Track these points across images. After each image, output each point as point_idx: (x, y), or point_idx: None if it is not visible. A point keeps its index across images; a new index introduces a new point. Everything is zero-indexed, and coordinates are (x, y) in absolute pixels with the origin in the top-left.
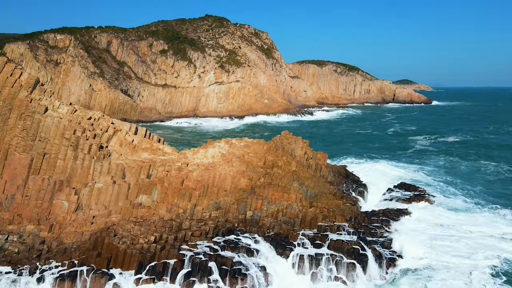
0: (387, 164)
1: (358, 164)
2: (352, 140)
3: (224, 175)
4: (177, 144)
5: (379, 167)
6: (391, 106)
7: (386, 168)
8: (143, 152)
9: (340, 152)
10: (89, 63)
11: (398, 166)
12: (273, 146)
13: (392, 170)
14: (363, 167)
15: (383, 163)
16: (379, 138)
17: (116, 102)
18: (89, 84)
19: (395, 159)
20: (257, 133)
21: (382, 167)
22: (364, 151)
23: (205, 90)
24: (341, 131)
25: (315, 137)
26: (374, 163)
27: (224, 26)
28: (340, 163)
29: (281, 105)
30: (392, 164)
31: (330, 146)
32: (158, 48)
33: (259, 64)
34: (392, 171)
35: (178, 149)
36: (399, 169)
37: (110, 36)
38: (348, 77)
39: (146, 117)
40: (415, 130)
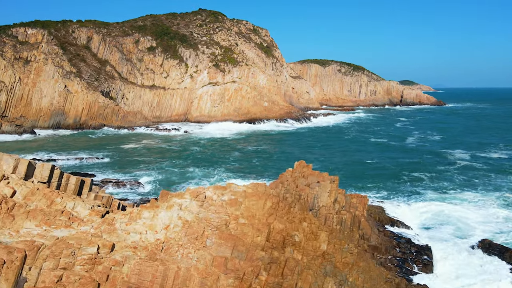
0: (432, 194)
1: (392, 199)
2: (370, 155)
3: (187, 272)
4: (156, 161)
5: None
6: (400, 109)
7: (436, 206)
8: (26, 221)
9: (359, 174)
10: (64, 61)
11: (453, 199)
12: (282, 195)
13: (448, 208)
14: (399, 203)
15: (426, 194)
16: (400, 151)
17: (95, 105)
18: (64, 85)
19: (438, 186)
20: (255, 144)
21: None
22: (388, 171)
23: (197, 92)
24: (352, 140)
25: (323, 148)
26: (417, 198)
27: (220, 21)
28: (366, 194)
29: (283, 109)
30: (441, 195)
31: (344, 164)
32: (145, 45)
33: (258, 63)
34: (451, 210)
35: (159, 176)
36: (461, 206)
37: (90, 31)
38: (353, 77)
39: (130, 123)
40: (441, 141)
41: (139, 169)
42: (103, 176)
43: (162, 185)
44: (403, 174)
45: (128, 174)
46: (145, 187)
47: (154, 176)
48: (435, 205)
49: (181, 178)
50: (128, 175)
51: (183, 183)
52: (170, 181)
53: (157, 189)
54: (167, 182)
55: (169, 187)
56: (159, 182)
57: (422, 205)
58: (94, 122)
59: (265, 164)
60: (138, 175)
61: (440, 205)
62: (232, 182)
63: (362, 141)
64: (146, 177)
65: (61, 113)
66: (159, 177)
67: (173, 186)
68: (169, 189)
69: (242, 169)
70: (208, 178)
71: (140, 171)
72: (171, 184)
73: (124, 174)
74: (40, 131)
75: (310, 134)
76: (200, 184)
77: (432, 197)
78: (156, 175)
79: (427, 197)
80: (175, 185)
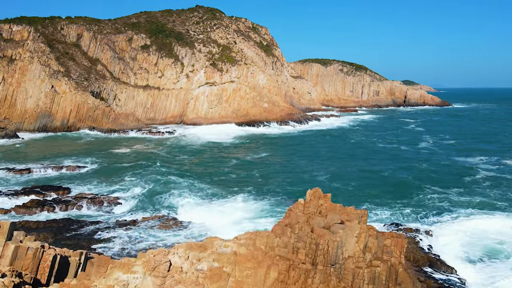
0: (464, 210)
1: (420, 220)
2: (382, 163)
3: None
4: (142, 170)
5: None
6: (405, 110)
7: (474, 227)
8: None
9: (374, 187)
10: (51, 59)
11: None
12: (292, 246)
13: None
14: (430, 227)
15: (458, 211)
16: (415, 158)
17: (84, 107)
18: (51, 85)
19: (469, 201)
20: (255, 151)
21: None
22: (407, 183)
23: (194, 92)
24: (359, 145)
25: (328, 154)
26: (449, 218)
27: (217, 19)
28: (387, 212)
29: (283, 110)
30: (475, 212)
31: (355, 174)
32: (139, 43)
33: (258, 62)
34: (495, 233)
35: (142, 188)
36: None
37: (80, 28)
38: (355, 77)
39: (121, 125)
40: (457, 146)
41: (121, 180)
42: (79, 190)
43: (143, 202)
44: (424, 187)
45: (110, 185)
46: (123, 205)
47: (138, 189)
48: (473, 227)
49: (165, 191)
50: (109, 187)
51: (165, 196)
52: (154, 193)
53: (137, 207)
54: (150, 197)
55: (146, 208)
56: (140, 199)
57: (458, 228)
58: (83, 125)
59: (266, 176)
60: (119, 188)
61: (478, 225)
62: (214, 237)
63: (370, 147)
64: (128, 191)
65: (48, 115)
66: (143, 190)
67: (150, 207)
68: (147, 208)
69: (239, 183)
70: (194, 194)
71: (122, 182)
72: (152, 202)
73: (106, 186)
74: (24, 134)
75: (313, 138)
76: (182, 198)
77: (465, 215)
78: (139, 188)
79: (460, 215)
80: (156, 204)
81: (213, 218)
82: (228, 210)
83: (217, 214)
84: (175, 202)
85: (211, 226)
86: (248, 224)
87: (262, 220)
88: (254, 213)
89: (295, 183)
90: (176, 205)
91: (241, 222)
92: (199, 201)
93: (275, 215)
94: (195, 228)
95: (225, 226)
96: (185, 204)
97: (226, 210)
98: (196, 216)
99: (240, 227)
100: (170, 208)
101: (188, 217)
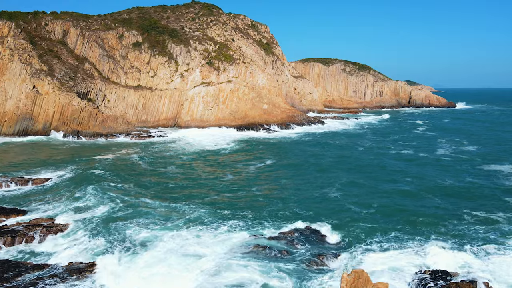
0: None
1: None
2: (401, 176)
3: None
4: (113, 185)
5: None
6: (410, 111)
7: None
8: None
9: (403, 210)
10: (33, 57)
11: None
12: None
13: None
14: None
15: None
16: (437, 169)
17: (69, 109)
18: (33, 85)
19: None
20: (254, 159)
21: None
22: (436, 204)
23: (188, 93)
24: (370, 151)
25: (337, 166)
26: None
27: (214, 15)
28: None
29: (284, 112)
30: None
31: (375, 193)
32: (130, 40)
33: (257, 61)
34: None
35: (101, 211)
36: None
37: (66, 24)
38: (358, 77)
39: (110, 128)
40: (480, 153)
41: (85, 196)
42: (39, 212)
43: (95, 232)
44: (460, 210)
45: (71, 203)
46: (73, 236)
47: (99, 210)
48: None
49: (131, 216)
50: (69, 204)
51: (126, 225)
52: (114, 219)
53: (86, 241)
54: (105, 224)
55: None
56: (89, 228)
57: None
58: (67, 128)
59: (269, 195)
60: (78, 207)
61: None
62: None
63: (382, 154)
64: (88, 211)
65: (29, 118)
66: (100, 212)
67: (103, 241)
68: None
69: (233, 206)
70: (170, 224)
71: (85, 200)
72: (107, 231)
73: (66, 204)
74: (2, 139)
75: (317, 144)
76: (149, 229)
77: None
78: (102, 208)
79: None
80: (111, 234)
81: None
82: (208, 249)
83: (189, 260)
84: (134, 236)
85: None
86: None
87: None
88: (249, 257)
89: (304, 203)
90: (133, 240)
91: (229, 267)
92: (165, 235)
93: (283, 262)
94: None
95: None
96: (141, 240)
97: (206, 252)
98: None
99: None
100: (128, 242)
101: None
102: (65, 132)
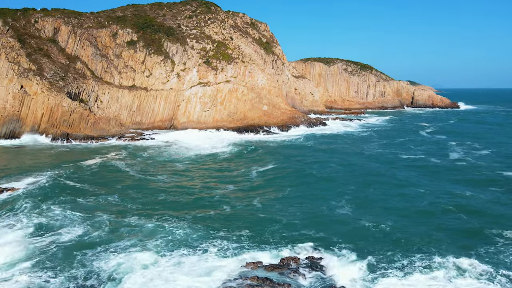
0: None
1: None
2: (415, 187)
3: None
4: (93, 198)
5: None
6: (413, 112)
7: None
8: None
9: (411, 226)
10: (21, 56)
11: None
12: None
13: None
14: None
15: None
16: (454, 178)
17: (58, 110)
18: (20, 86)
19: None
20: (253, 165)
21: None
22: (462, 223)
23: (185, 93)
24: (378, 157)
25: (344, 174)
26: None
27: (212, 13)
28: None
29: (285, 113)
30: None
31: (390, 209)
32: (125, 39)
33: (256, 60)
34: None
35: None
36: None
37: (57, 21)
38: (360, 77)
39: (102, 131)
40: (496, 157)
41: (47, 213)
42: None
43: (49, 266)
44: (487, 228)
45: (21, 223)
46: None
47: (60, 233)
48: None
49: (107, 241)
50: (19, 224)
51: (99, 251)
52: (76, 248)
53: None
54: (69, 254)
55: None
56: (43, 258)
57: None
58: (56, 131)
59: (269, 209)
60: (34, 228)
61: None
62: None
63: (391, 160)
64: (54, 231)
65: (16, 120)
66: (66, 237)
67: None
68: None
69: (229, 223)
70: (151, 246)
71: (41, 217)
72: (72, 259)
73: (16, 224)
74: None
75: (320, 147)
76: (129, 257)
77: None
78: (65, 232)
79: None
80: (77, 267)
81: None
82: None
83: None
84: (104, 268)
85: None
86: None
87: None
88: None
89: (310, 220)
90: (100, 276)
91: None
92: (140, 263)
93: None
94: None
95: None
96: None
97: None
98: None
99: None
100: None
101: None
102: (54, 135)
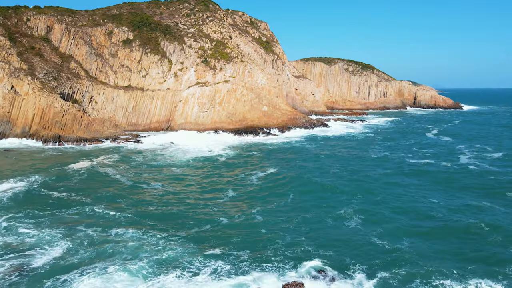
0: None
1: None
2: (427, 196)
3: None
4: (77, 209)
5: None
6: (416, 112)
7: None
8: None
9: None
10: (12, 55)
11: None
12: None
13: None
14: None
15: None
16: (468, 185)
17: (50, 111)
18: (11, 86)
19: None
20: (253, 171)
21: None
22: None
23: (182, 94)
24: (384, 161)
25: (349, 177)
26: None
27: (211, 11)
28: None
29: (285, 114)
30: None
31: (395, 213)
32: (120, 37)
33: (256, 60)
34: None
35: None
36: None
37: (50, 19)
38: (361, 77)
39: (96, 133)
40: (507, 160)
41: (19, 230)
42: None
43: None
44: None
45: (10, 234)
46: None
47: (34, 254)
48: None
49: (84, 264)
50: (20, 230)
51: (76, 274)
52: (52, 273)
53: None
54: (42, 281)
55: None
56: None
57: None
58: (48, 133)
59: (271, 223)
60: (7, 245)
61: None
62: None
63: (399, 166)
64: (13, 256)
65: (7, 121)
66: (41, 260)
67: None
68: None
69: (225, 239)
70: (133, 269)
71: (9, 234)
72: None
73: (11, 235)
74: None
75: (322, 150)
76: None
77: None
78: (41, 254)
79: None
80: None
81: None
82: None
83: None
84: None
85: None
86: None
87: None
88: None
89: (317, 235)
90: None
91: None
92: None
93: None
94: None
95: None
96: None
97: None
98: None
99: None
100: None
101: None
102: (45, 137)
